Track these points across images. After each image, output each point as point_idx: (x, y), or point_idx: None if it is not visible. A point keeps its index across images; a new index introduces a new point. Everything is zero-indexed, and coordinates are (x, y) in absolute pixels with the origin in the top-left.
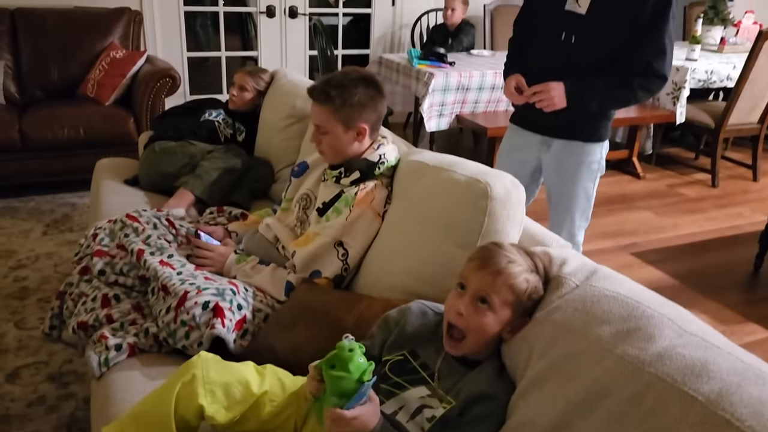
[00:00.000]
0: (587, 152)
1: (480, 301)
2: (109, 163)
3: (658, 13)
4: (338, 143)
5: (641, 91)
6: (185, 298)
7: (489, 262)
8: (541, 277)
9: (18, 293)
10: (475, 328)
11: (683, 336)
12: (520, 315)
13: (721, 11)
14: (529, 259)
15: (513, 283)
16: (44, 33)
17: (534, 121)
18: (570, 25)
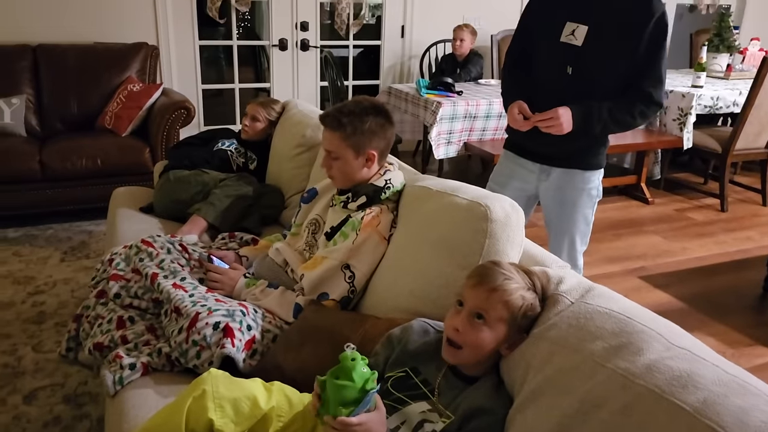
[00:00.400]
0: (587, 180)
1: (476, 317)
2: (125, 191)
3: (655, 44)
4: (348, 168)
5: (640, 117)
6: (197, 319)
7: (485, 279)
8: (539, 295)
9: (36, 318)
10: (471, 343)
11: (671, 349)
12: (516, 331)
13: (726, 39)
14: (527, 278)
15: (508, 299)
16: (65, 68)
17: (533, 150)
18: (567, 57)
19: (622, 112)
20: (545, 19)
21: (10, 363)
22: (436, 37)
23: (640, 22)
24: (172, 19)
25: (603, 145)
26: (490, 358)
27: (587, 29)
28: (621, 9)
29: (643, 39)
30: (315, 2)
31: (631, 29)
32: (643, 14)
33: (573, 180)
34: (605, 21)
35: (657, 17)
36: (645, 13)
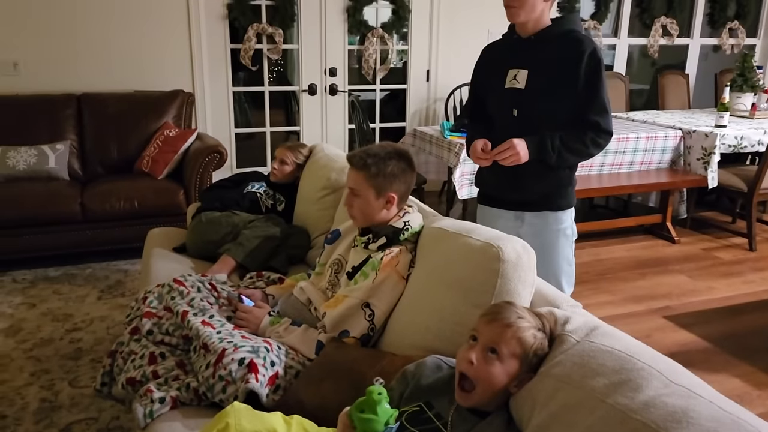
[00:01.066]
0: (559, 220)
1: (490, 351)
2: (160, 232)
3: (592, 77)
4: (368, 208)
5: (592, 146)
6: (223, 355)
7: (500, 316)
8: (547, 336)
9: (73, 354)
10: (483, 378)
11: (669, 386)
12: (526, 369)
13: (749, 78)
14: (538, 319)
15: (522, 336)
16: (106, 115)
17: (503, 197)
18: (513, 100)
19: (574, 140)
20: (491, 71)
21: (47, 397)
22: (460, 81)
23: (574, 59)
24: (207, 68)
25: (570, 185)
26: (501, 396)
27: (527, 72)
28: (555, 51)
29: (580, 75)
30: (343, 49)
31: (566, 67)
32: (575, 53)
33: (546, 222)
34: (543, 63)
35: (588, 53)
36: (577, 51)
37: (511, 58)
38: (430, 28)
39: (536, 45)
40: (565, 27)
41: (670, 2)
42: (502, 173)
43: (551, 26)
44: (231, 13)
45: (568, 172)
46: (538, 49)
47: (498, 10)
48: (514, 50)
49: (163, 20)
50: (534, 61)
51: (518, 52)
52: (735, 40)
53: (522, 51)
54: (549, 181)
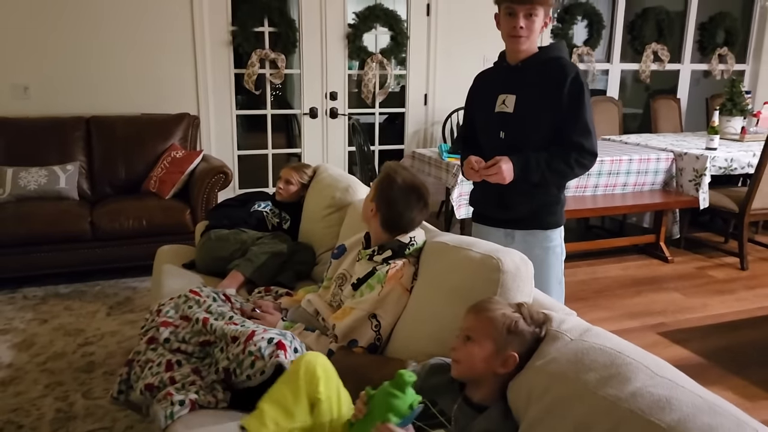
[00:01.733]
0: (549, 238)
1: (467, 338)
2: (169, 249)
3: (575, 100)
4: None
5: (577, 166)
6: (253, 335)
7: (474, 307)
8: (525, 318)
9: (85, 367)
10: (464, 358)
11: (654, 378)
12: (504, 346)
13: (738, 103)
14: (515, 306)
15: (490, 316)
16: (114, 137)
17: (494, 216)
18: (502, 123)
19: (558, 160)
20: (482, 97)
21: (62, 408)
22: (456, 105)
23: (558, 84)
24: (212, 92)
25: (558, 204)
26: (491, 380)
27: (515, 97)
28: (541, 76)
29: (563, 98)
30: (344, 73)
31: (551, 91)
32: (559, 77)
33: (536, 240)
34: (529, 88)
35: (572, 77)
36: (560, 76)
37: (500, 84)
38: (428, 53)
39: (524, 71)
40: (550, 54)
41: (661, 29)
42: (491, 192)
43: (538, 53)
44: (235, 39)
45: (555, 191)
46: (526, 75)
47: (493, 37)
48: (504, 77)
49: (169, 45)
50: (521, 86)
51: (507, 78)
52: (724, 66)
53: (511, 77)
54: (536, 199)
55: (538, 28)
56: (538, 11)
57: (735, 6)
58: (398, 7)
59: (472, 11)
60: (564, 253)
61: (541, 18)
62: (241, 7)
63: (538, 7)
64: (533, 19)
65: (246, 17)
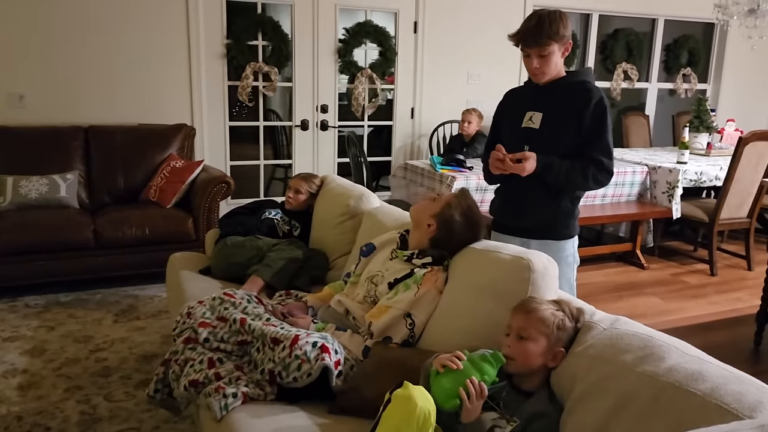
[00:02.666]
0: (562, 248)
1: (520, 337)
2: (181, 256)
3: (597, 122)
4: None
5: (592, 181)
6: (298, 339)
7: (522, 307)
8: (567, 315)
9: (101, 372)
10: (520, 354)
11: (685, 356)
12: (554, 342)
13: (705, 120)
14: (555, 303)
15: (541, 316)
16: (112, 147)
17: (511, 225)
18: (527, 138)
19: (576, 172)
20: (511, 112)
21: (86, 410)
22: (443, 119)
23: (582, 106)
24: (206, 103)
25: (571, 216)
26: (540, 372)
27: (542, 115)
28: (567, 98)
29: (586, 119)
30: (334, 87)
31: (575, 112)
32: (584, 100)
33: (549, 249)
34: (556, 107)
35: (595, 101)
36: (585, 99)
37: (529, 102)
38: (415, 69)
39: (552, 92)
40: (578, 78)
41: (630, 50)
42: (511, 203)
43: (566, 77)
44: (230, 53)
45: (569, 204)
46: (554, 95)
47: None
48: (533, 95)
49: (165, 57)
50: (549, 105)
51: (536, 97)
52: (688, 85)
53: (539, 96)
54: (550, 211)
55: (555, 62)
56: (551, 49)
57: (697, 29)
58: (387, 24)
59: (456, 30)
60: (578, 261)
61: (557, 52)
62: (236, 21)
63: (550, 46)
64: (548, 57)
65: (240, 31)
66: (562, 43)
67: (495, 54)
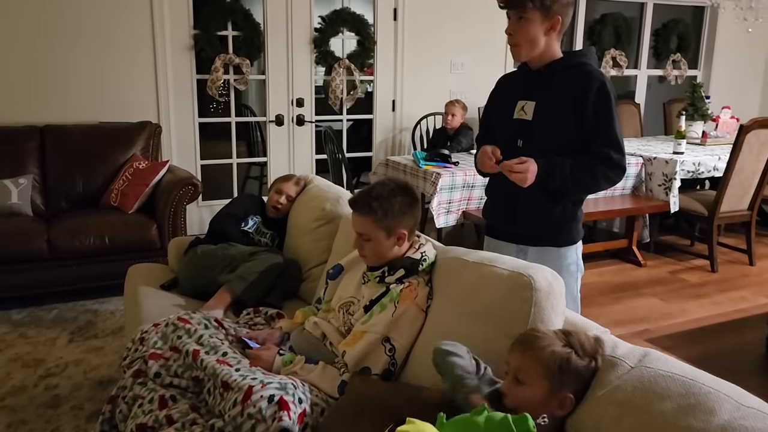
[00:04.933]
0: (563, 256)
1: (516, 380)
2: (142, 268)
3: (601, 110)
4: (381, 248)
5: (603, 180)
6: (251, 392)
7: (518, 344)
8: (577, 351)
9: (50, 402)
10: (518, 402)
11: (741, 409)
12: (558, 386)
13: (700, 108)
14: (563, 336)
15: (539, 356)
16: (70, 147)
17: (507, 230)
18: (519, 131)
19: (584, 172)
20: (502, 101)
21: None
22: (426, 111)
23: (582, 92)
24: (173, 99)
25: (573, 220)
26: (550, 420)
27: (535, 104)
28: (564, 83)
29: (588, 108)
30: (310, 80)
31: (573, 99)
32: (583, 85)
33: (549, 257)
34: (551, 96)
35: (597, 86)
36: (585, 84)
37: (521, 89)
38: (395, 59)
39: (545, 77)
40: (575, 60)
41: (618, 36)
42: (504, 206)
43: (563, 59)
44: (197, 44)
45: (571, 207)
46: (547, 81)
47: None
48: (525, 82)
49: (127, 50)
50: (542, 93)
51: (528, 83)
52: (678, 72)
53: (531, 83)
54: (550, 216)
55: (533, 35)
56: (529, 15)
57: (686, 13)
58: (365, 11)
59: (438, 17)
60: (581, 270)
61: (538, 22)
62: (204, 9)
63: (528, 11)
64: (525, 25)
65: (209, 20)
66: (545, 14)
67: (478, 42)
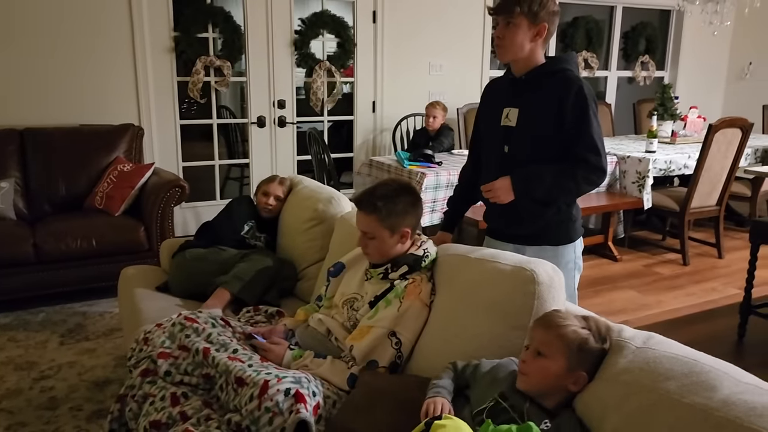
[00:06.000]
0: (560, 254)
1: (537, 353)
2: (135, 271)
3: (578, 114)
4: (384, 246)
5: (584, 183)
6: (267, 386)
7: (543, 321)
8: (593, 334)
9: (47, 404)
10: (535, 371)
11: (740, 385)
12: (576, 364)
13: (669, 108)
14: (582, 320)
15: (561, 333)
16: (52, 150)
17: (504, 231)
18: (506, 137)
19: (566, 177)
20: (489, 109)
21: None
22: (406, 112)
23: (561, 97)
24: (154, 101)
25: (569, 220)
26: (560, 392)
27: (518, 111)
28: (544, 89)
29: (567, 112)
30: (291, 81)
31: (553, 105)
32: (562, 91)
33: (546, 256)
34: (533, 102)
35: (575, 91)
36: (564, 89)
37: (506, 97)
38: (375, 60)
39: (527, 84)
40: (555, 66)
41: (590, 38)
42: (499, 213)
43: (543, 65)
44: (178, 46)
45: (565, 208)
46: (529, 88)
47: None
48: (509, 89)
49: (107, 52)
50: (525, 100)
51: (512, 91)
52: (647, 73)
53: (515, 90)
54: (545, 217)
55: (520, 40)
56: (517, 21)
57: (654, 17)
58: (345, 13)
59: (416, 19)
60: (580, 268)
61: (524, 28)
62: (184, 12)
63: (515, 17)
64: (512, 30)
65: (189, 23)
66: (532, 21)
67: (456, 44)
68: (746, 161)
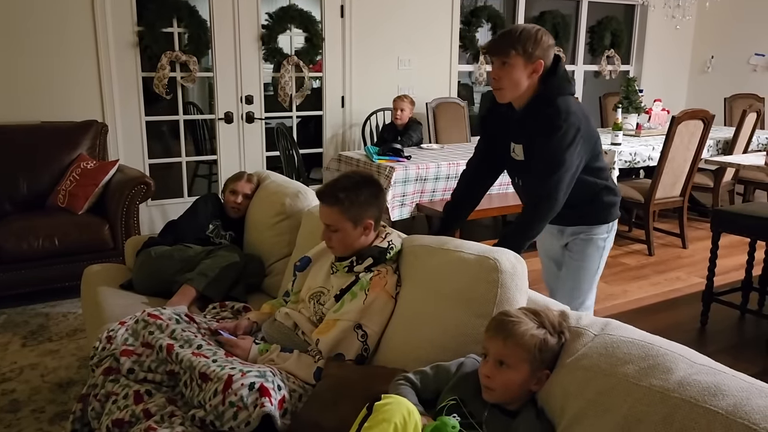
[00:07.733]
0: (594, 231)
1: (499, 364)
2: (98, 270)
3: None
4: (348, 239)
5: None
6: (231, 381)
7: (498, 330)
8: (549, 330)
9: (9, 407)
10: (501, 385)
11: (694, 366)
12: (538, 366)
13: (634, 101)
14: (535, 318)
15: (521, 341)
16: (12, 148)
17: None
18: (516, 170)
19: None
20: (499, 140)
21: None
22: (375, 107)
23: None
24: (118, 97)
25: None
26: (525, 395)
27: (522, 146)
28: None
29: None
30: (259, 77)
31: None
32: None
33: (581, 232)
34: (531, 137)
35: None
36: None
37: (510, 131)
38: (343, 55)
39: (525, 119)
40: (544, 96)
41: (557, 33)
42: None
43: (538, 95)
44: (142, 41)
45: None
46: (526, 123)
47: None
48: (511, 124)
49: (69, 47)
50: (525, 135)
51: (513, 126)
52: (612, 67)
53: (515, 125)
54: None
55: (517, 79)
56: (512, 61)
57: (619, 11)
58: (312, 8)
59: (385, 13)
60: (607, 249)
61: (521, 67)
62: (148, 6)
63: (510, 57)
64: (508, 70)
65: (153, 17)
66: (527, 60)
67: (424, 39)
68: (708, 153)
